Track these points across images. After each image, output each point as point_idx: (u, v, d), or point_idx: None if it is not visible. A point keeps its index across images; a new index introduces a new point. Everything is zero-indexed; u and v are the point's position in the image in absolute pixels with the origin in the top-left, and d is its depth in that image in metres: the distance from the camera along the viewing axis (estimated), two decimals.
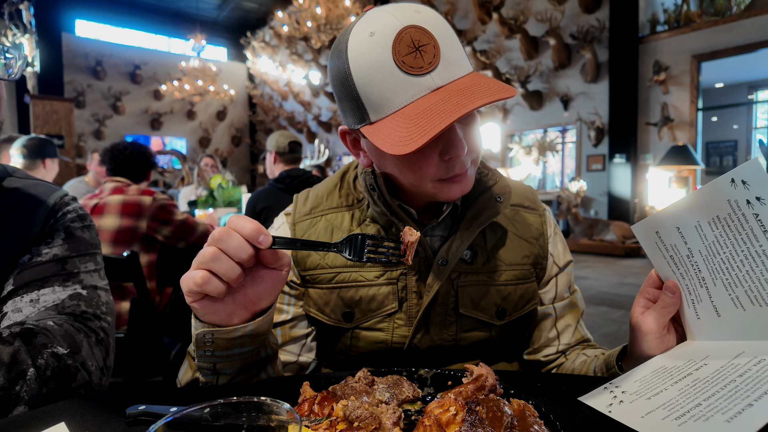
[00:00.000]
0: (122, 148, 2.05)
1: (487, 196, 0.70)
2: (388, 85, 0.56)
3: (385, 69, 0.55)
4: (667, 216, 0.54)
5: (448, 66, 0.57)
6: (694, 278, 0.54)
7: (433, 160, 0.60)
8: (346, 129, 0.67)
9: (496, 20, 8.49)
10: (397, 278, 0.70)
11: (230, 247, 0.48)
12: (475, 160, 0.65)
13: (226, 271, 0.48)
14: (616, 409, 0.47)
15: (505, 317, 0.72)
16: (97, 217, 1.87)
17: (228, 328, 0.52)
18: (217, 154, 14.55)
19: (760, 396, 0.39)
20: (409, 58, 0.55)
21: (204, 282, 0.48)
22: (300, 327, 0.74)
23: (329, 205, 0.75)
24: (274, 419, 0.37)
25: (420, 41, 0.55)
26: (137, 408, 0.48)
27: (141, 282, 1.59)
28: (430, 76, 0.56)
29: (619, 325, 3.57)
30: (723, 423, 0.38)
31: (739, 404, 0.40)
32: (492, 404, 0.43)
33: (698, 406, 0.42)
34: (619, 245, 7.07)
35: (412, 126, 0.54)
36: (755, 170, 0.46)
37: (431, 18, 0.57)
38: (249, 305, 0.53)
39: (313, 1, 7.07)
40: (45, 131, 6.91)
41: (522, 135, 9.46)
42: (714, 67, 7.50)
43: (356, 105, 0.59)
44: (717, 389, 0.43)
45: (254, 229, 0.49)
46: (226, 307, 0.52)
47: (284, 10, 9.62)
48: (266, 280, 0.53)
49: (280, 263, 0.53)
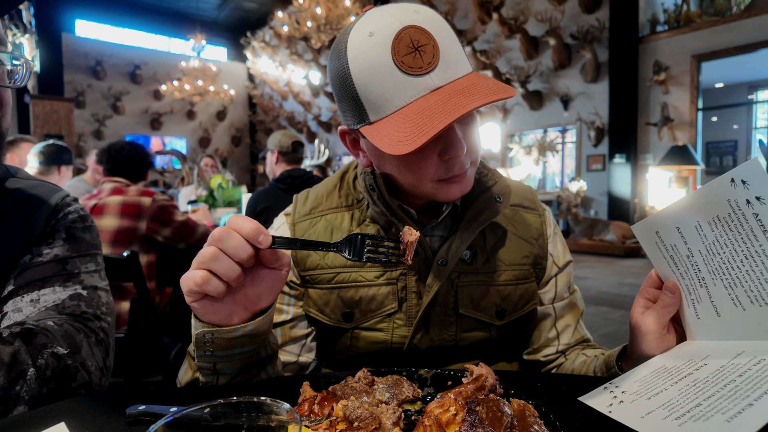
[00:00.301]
0: (119, 148, 2.04)
1: (486, 196, 0.70)
2: (387, 85, 0.56)
3: (385, 69, 0.55)
4: (667, 216, 0.54)
5: (447, 66, 0.57)
6: (694, 278, 0.54)
7: (432, 161, 0.60)
8: (346, 129, 0.67)
9: (496, 20, 8.49)
10: (397, 278, 0.70)
11: (230, 246, 0.48)
12: (475, 161, 0.65)
13: (225, 270, 0.48)
14: (616, 410, 0.47)
15: (504, 317, 0.72)
16: (97, 217, 1.86)
17: (228, 328, 0.52)
18: (217, 154, 14.55)
19: (761, 396, 0.39)
20: (409, 58, 0.55)
21: (204, 282, 0.48)
22: (300, 327, 0.74)
23: (329, 205, 0.75)
24: (274, 419, 0.37)
25: (419, 41, 0.55)
26: (137, 408, 0.48)
27: (141, 282, 1.59)
28: (430, 76, 0.56)
29: (619, 325, 3.57)
30: (723, 423, 0.38)
31: (740, 404, 0.40)
32: (492, 404, 0.43)
33: (698, 406, 0.42)
34: (619, 245, 7.07)
35: (411, 126, 0.54)
36: (755, 170, 0.46)
37: (431, 18, 0.57)
38: (249, 305, 0.53)
39: (313, 1, 7.07)
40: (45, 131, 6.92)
41: (522, 135, 9.46)
42: (714, 67, 7.51)
43: (355, 105, 0.59)
44: (717, 389, 0.43)
45: (254, 228, 0.49)
46: (226, 306, 0.52)
47: (284, 10, 9.63)
48: (266, 280, 0.53)
49: (280, 263, 0.53)
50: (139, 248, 1.93)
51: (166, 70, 13.30)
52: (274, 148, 2.59)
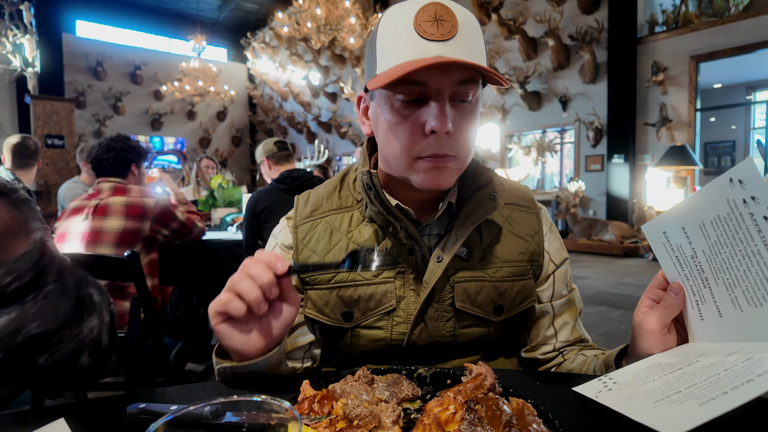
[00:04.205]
0: (104, 151, 1.98)
1: (481, 194, 0.71)
2: (400, 40, 0.60)
3: (403, 27, 0.60)
4: (674, 216, 0.54)
5: (459, 45, 0.59)
6: (698, 279, 0.54)
7: (417, 131, 0.62)
8: (362, 93, 0.72)
9: (496, 21, 8.50)
10: (395, 276, 0.71)
11: (253, 271, 0.55)
12: (459, 157, 0.64)
13: (247, 290, 0.54)
14: (603, 395, 0.48)
15: (502, 313, 0.72)
16: (100, 218, 1.86)
17: (244, 364, 0.59)
18: (218, 154, 14.55)
19: (737, 386, 0.40)
20: (427, 24, 0.59)
21: (228, 301, 0.55)
22: (304, 335, 0.75)
23: (329, 207, 0.76)
24: (274, 417, 0.37)
25: (442, 16, 0.59)
26: (137, 406, 0.48)
27: (141, 282, 1.59)
28: (438, 44, 0.58)
29: (617, 325, 3.58)
30: (695, 406, 0.40)
31: (715, 392, 0.41)
32: (491, 403, 0.44)
33: (678, 393, 0.43)
34: (618, 245, 7.08)
35: (399, 69, 0.58)
36: (750, 169, 0.46)
37: (461, 8, 0.62)
38: (264, 335, 0.58)
39: (313, 2, 7.07)
40: (45, 131, 6.92)
41: (521, 135, 9.46)
42: (712, 67, 7.52)
43: (372, 60, 0.64)
44: (700, 380, 0.44)
45: (273, 256, 0.56)
46: (243, 332, 0.57)
47: (284, 11, 9.62)
48: (281, 314, 0.59)
49: (292, 300, 0.59)
50: (142, 248, 1.93)
51: (167, 71, 13.30)
52: (262, 158, 2.62)
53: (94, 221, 1.85)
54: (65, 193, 3.30)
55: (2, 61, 6.91)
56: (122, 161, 2.02)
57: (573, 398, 0.52)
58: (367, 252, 0.56)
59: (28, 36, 6.91)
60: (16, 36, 6.82)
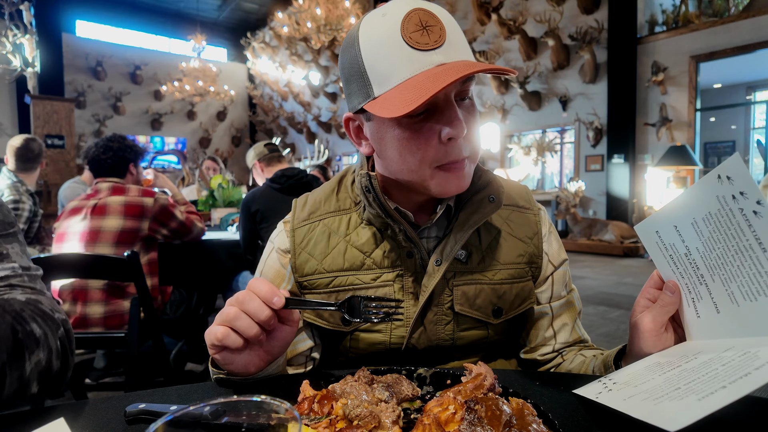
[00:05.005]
0: (102, 151, 1.98)
1: (480, 196, 0.71)
2: (394, 58, 0.58)
3: (393, 43, 0.58)
4: (665, 215, 0.55)
5: (452, 47, 0.59)
6: (693, 276, 0.54)
7: (432, 142, 0.61)
8: (350, 115, 0.68)
9: (495, 21, 8.50)
10: (393, 280, 0.70)
11: (250, 308, 0.54)
12: (472, 157, 0.65)
13: (246, 328, 0.54)
14: (603, 396, 0.48)
15: (501, 316, 0.72)
16: (99, 217, 1.86)
17: (242, 377, 0.59)
18: (218, 154, 14.54)
19: (735, 380, 0.40)
20: (416, 35, 0.58)
21: (224, 337, 0.54)
22: (303, 341, 0.75)
23: (327, 209, 0.75)
24: (274, 418, 0.37)
25: (428, 22, 0.58)
26: (137, 406, 0.48)
27: (141, 282, 1.59)
28: (435, 52, 0.58)
29: (617, 325, 3.58)
30: (695, 401, 0.40)
31: (714, 387, 0.41)
32: (491, 403, 0.43)
33: (677, 389, 0.43)
34: (618, 245, 7.08)
35: (414, 90, 0.55)
36: (737, 165, 0.47)
37: (440, 8, 0.61)
38: (263, 356, 0.58)
39: (313, 2, 7.07)
40: (45, 131, 6.91)
41: (521, 135, 9.46)
42: (712, 67, 7.51)
43: (362, 82, 0.61)
44: (699, 376, 0.44)
45: (269, 291, 0.54)
46: (243, 358, 0.57)
47: (284, 11, 9.63)
48: (279, 334, 0.58)
49: (291, 321, 0.58)
50: (141, 247, 1.93)
51: (167, 71, 13.30)
52: (254, 162, 2.62)
53: (92, 221, 1.85)
54: (66, 193, 3.31)
55: (2, 61, 6.91)
56: (120, 161, 2.02)
57: (573, 398, 0.52)
58: (362, 300, 0.57)
59: (28, 36, 6.91)
60: (16, 36, 6.82)
